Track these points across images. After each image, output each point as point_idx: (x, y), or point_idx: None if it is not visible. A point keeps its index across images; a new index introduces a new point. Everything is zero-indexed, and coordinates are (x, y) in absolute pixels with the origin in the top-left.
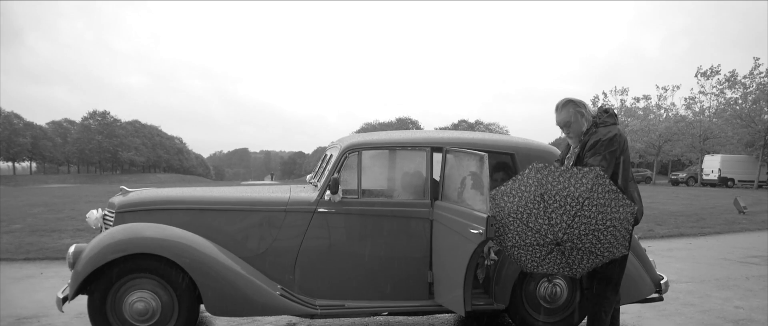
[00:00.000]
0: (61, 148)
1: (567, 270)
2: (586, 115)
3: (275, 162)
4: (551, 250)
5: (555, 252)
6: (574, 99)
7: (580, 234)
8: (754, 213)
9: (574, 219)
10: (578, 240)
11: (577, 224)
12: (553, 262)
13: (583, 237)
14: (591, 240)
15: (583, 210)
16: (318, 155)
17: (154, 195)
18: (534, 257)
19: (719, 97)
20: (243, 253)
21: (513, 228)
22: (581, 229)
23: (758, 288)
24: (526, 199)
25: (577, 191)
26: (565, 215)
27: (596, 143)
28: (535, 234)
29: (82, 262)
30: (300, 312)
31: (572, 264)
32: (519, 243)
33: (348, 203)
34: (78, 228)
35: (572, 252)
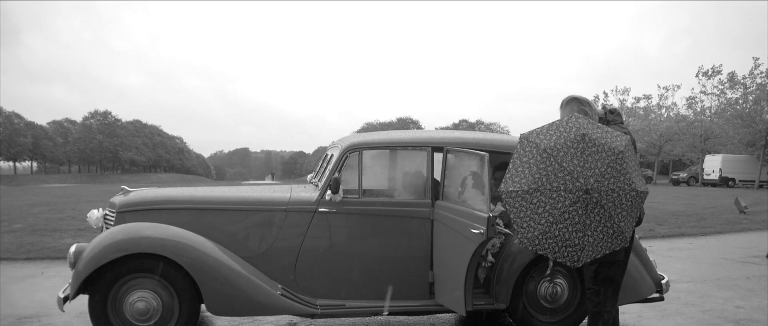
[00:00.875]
0: (62, 148)
1: (578, 237)
2: (591, 113)
3: (276, 161)
4: (577, 200)
5: (579, 203)
6: (578, 96)
7: (609, 189)
8: (755, 213)
9: (608, 168)
10: (605, 195)
11: (609, 176)
12: (570, 220)
13: (611, 194)
14: (614, 201)
15: (616, 163)
16: (319, 155)
17: (154, 195)
18: (555, 207)
19: (720, 97)
20: (244, 253)
21: (543, 166)
22: (610, 183)
23: (759, 288)
24: (565, 138)
25: (613, 144)
26: (600, 162)
27: None
28: (567, 175)
29: (83, 262)
30: (301, 311)
31: (586, 229)
32: (545, 186)
33: (349, 203)
34: (79, 227)
35: (594, 209)
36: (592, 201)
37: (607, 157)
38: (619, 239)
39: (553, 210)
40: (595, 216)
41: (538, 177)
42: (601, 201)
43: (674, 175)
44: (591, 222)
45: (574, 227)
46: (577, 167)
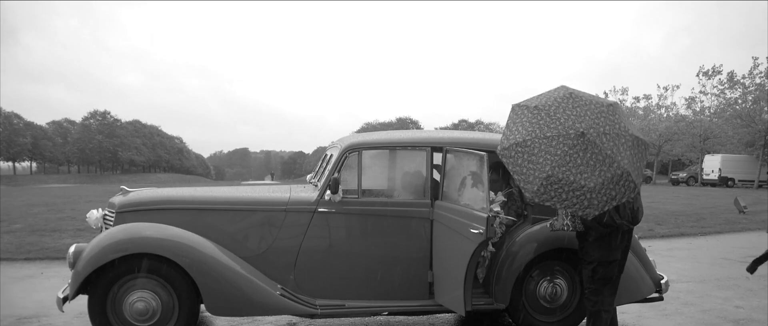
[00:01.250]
0: (62, 148)
1: (583, 178)
2: None
3: (275, 162)
4: (575, 144)
5: (578, 146)
6: None
7: (603, 132)
8: (755, 213)
9: (600, 116)
10: (601, 136)
11: (602, 122)
12: (572, 163)
13: (607, 136)
14: (612, 142)
15: (608, 113)
16: (318, 155)
17: (154, 195)
18: (553, 153)
19: (719, 97)
20: (243, 253)
21: (535, 121)
22: (605, 128)
23: (758, 288)
24: (554, 97)
25: (603, 99)
26: (590, 111)
27: None
28: (560, 125)
29: (83, 262)
30: (300, 311)
31: (590, 171)
32: (540, 136)
33: (348, 203)
34: (78, 228)
35: (593, 150)
36: (590, 142)
37: (597, 107)
38: (628, 184)
39: (553, 157)
40: (597, 157)
41: (531, 129)
42: (597, 141)
43: (673, 175)
44: (594, 163)
45: (577, 169)
46: (570, 117)
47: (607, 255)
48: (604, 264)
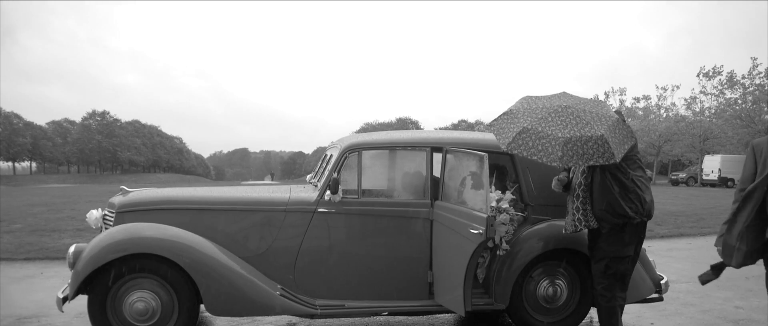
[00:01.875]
0: (61, 148)
1: (552, 129)
2: None
3: (275, 162)
4: (557, 110)
5: (559, 112)
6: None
7: (585, 110)
8: None
9: (585, 102)
10: (583, 111)
11: (586, 102)
12: (547, 121)
13: (589, 113)
14: (592, 116)
15: (593, 102)
16: (318, 155)
17: (154, 195)
18: (535, 115)
19: (719, 97)
20: (243, 253)
21: (527, 115)
22: (587, 106)
23: (758, 288)
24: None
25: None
26: (575, 99)
27: None
28: (548, 104)
29: (83, 262)
30: (300, 312)
31: (563, 127)
32: (527, 109)
33: (348, 203)
34: (78, 228)
35: (573, 117)
36: (570, 113)
37: (583, 99)
38: (602, 148)
39: (532, 117)
40: (573, 120)
41: (522, 111)
42: (579, 114)
43: (673, 175)
44: (570, 123)
45: (548, 125)
46: (554, 100)
47: (619, 250)
48: (616, 259)
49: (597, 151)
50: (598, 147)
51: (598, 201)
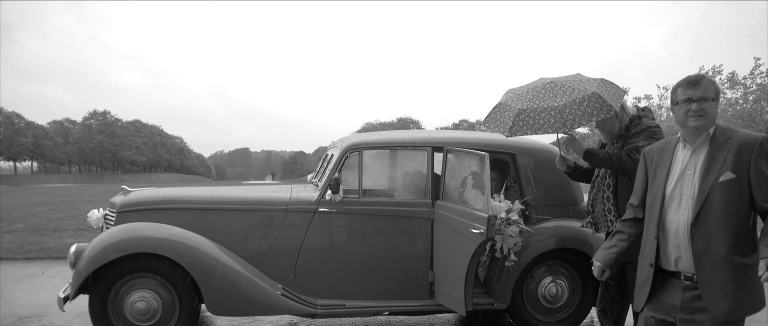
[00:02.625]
0: (62, 148)
1: (549, 98)
2: (620, 114)
3: (276, 161)
4: (545, 85)
5: (547, 87)
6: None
7: (568, 80)
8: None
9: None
10: (570, 81)
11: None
12: (537, 95)
13: (575, 80)
14: (578, 84)
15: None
16: (319, 155)
17: (155, 195)
18: (524, 98)
19: (721, 97)
20: (244, 253)
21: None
22: (568, 80)
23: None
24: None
25: None
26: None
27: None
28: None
29: (84, 262)
30: (301, 311)
31: (555, 95)
32: (515, 96)
33: (349, 203)
34: (79, 227)
35: (561, 87)
36: (557, 85)
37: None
38: (599, 103)
39: (523, 100)
40: (561, 90)
41: (511, 99)
42: (565, 84)
43: None
44: (559, 93)
45: (541, 100)
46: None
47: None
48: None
49: (595, 107)
50: (594, 103)
51: (623, 203)
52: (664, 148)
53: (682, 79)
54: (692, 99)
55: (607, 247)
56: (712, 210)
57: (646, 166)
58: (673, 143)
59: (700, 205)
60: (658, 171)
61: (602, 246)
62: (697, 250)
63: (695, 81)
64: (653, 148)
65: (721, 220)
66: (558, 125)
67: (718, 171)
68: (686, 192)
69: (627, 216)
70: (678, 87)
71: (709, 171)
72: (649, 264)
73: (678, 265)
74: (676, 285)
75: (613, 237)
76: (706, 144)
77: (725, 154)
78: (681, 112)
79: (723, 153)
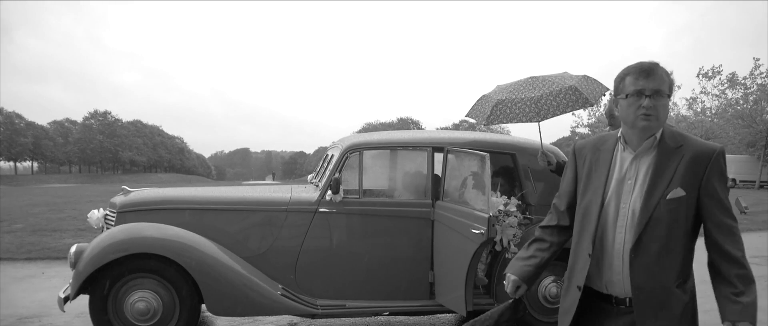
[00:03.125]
0: (63, 148)
1: (527, 90)
2: None
3: (276, 162)
4: (525, 81)
5: (528, 82)
6: None
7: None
8: (756, 214)
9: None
10: (551, 77)
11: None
12: (518, 88)
13: (555, 76)
14: (559, 79)
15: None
16: (319, 155)
17: (155, 195)
18: (504, 90)
19: (720, 98)
20: (244, 253)
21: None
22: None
23: (759, 289)
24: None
25: None
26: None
27: None
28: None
29: (84, 262)
30: (301, 312)
31: (534, 87)
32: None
33: (349, 203)
34: (79, 228)
35: (542, 81)
36: (539, 79)
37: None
38: (575, 96)
39: (504, 92)
40: (541, 83)
41: (494, 92)
42: (546, 78)
43: None
44: (538, 86)
45: (519, 92)
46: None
47: None
48: None
49: (571, 100)
50: (570, 96)
51: None
52: (600, 146)
53: (632, 65)
54: (644, 92)
55: (524, 258)
56: (656, 233)
57: (576, 166)
58: (612, 142)
59: (643, 227)
60: (594, 175)
61: (517, 256)
62: (636, 281)
63: (649, 69)
64: (586, 145)
65: (665, 247)
66: (532, 115)
67: (666, 185)
68: (624, 207)
69: (549, 222)
70: (626, 74)
71: (656, 185)
72: (578, 286)
73: (609, 288)
74: (608, 311)
75: (530, 246)
76: (652, 149)
77: (675, 164)
78: (630, 108)
79: (672, 163)
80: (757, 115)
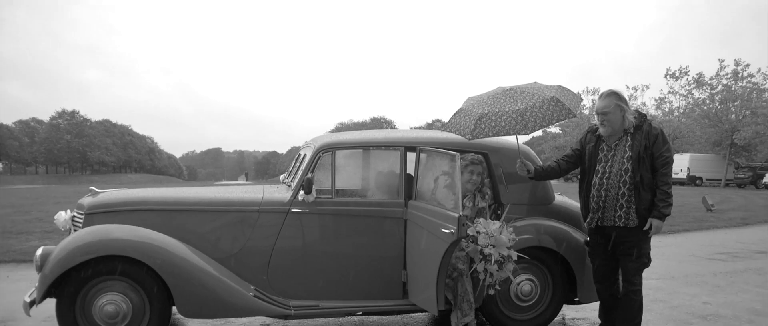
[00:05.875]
0: (29, 148)
1: (510, 103)
2: (627, 111)
3: (249, 162)
4: (500, 92)
5: (505, 93)
6: (619, 93)
7: (524, 89)
8: (722, 211)
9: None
10: (523, 89)
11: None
12: (497, 99)
13: (529, 88)
14: (532, 91)
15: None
16: (292, 155)
17: (124, 196)
18: (482, 102)
19: (687, 98)
20: (216, 254)
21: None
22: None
23: (725, 284)
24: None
25: None
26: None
27: (657, 135)
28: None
29: (50, 265)
30: (274, 312)
31: (514, 99)
32: (482, 101)
33: (322, 203)
34: (46, 229)
35: (517, 93)
36: (517, 91)
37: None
38: (558, 107)
39: (484, 105)
40: (521, 96)
41: (472, 104)
42: (524, 90)
43: None
44: (519, 99)
45: (501, 105)
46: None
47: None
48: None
49: (555, 111)
50: (554, 107)
51: (645, 200)
52: None
53: None
54: None
55: None
56: None
57: None
58: None
59: None
60: None
61: None
62: None
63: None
64: None
65: None
66: (519, 127)
67: None
68: None
69: None
70: None
71: None
72: None
73: None
74: None
75: None
76: None
77: None
78: None
79: None
80: (723, 114)
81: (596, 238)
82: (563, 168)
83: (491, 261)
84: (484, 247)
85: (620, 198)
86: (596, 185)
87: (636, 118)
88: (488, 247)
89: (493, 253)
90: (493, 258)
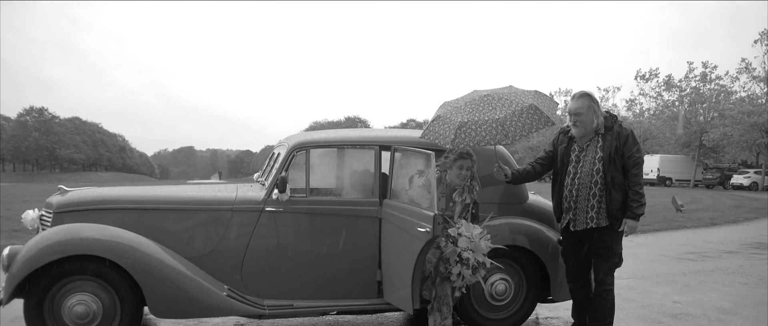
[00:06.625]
0: None
1: (488, 111)
2: (598, 112)
3: (222, 160)
4: (478, 98)
5: (482, 99)
6: (591, 94)
7: (501, 95)
8: (691, 211)
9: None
10: (500, 95)
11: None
12: (475, 107)
13: (506, 95)
14: (510, 98)
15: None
16: (266, 153)
17: (94, 195)
18: (460, 110)
19: (657, 100)
20: (188, 254)
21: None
22: (503, 93)
23: (694, 284)
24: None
25: None
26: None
27: (628, 136)
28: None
29: (18, 265)
30: (247, 312)
31: (493, 108)
32: (451, 109)
33: (296, 202)
34: (13, 228)
35: (494, 100)
36: (494, 98)
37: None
38: (537, 115)
39: (462, 113)
40: (498, 103)
41: (449, 112)
42: (501, 97)
43: None
44: (497, 106)
45: (480, 113)
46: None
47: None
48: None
49: (534, 119)
50: (532, 115)
51: (616, 200)
52: None
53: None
54: None
55: None
56: None
57: None
58: None
59: None
60: None
61: None
62: None
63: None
64: None
65: None
66: (500, 137)
67: None
68: None
69: None
70: None
71: None
72: None
73: None
74: None
75: None
76: None
77: None
78: None
79: None
80: (692, 116)
81: (569, 238)
82: (538, 170)
83: (467, 266)
84: (464, 250)
85: (591, 199)
86: (568, 185)
87: (607, 119)
88: (467, 251)
89: (471, 258)
90: (470, 262)
